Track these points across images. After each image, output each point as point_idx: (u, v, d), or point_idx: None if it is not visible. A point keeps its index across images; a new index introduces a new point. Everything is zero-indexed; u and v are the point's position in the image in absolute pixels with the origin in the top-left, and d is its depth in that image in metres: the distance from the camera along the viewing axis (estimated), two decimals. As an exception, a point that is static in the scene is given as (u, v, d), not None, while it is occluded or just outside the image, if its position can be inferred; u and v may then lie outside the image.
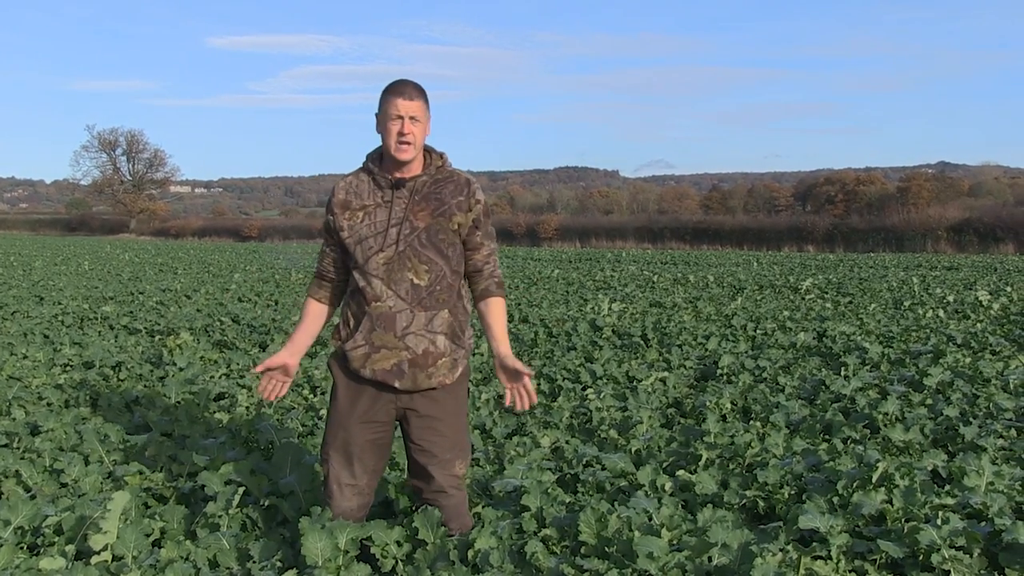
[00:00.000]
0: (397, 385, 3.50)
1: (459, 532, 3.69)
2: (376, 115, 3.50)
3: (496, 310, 3.68)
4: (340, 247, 3.60)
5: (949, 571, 3.52)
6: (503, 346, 3.64)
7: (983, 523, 3.94)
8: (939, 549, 3.57)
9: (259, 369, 3.65)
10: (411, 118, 3.41)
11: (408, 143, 3.42)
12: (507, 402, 3.63)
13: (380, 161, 3.57)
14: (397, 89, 3.45)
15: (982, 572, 3.57)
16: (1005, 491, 4.40)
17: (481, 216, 3.62)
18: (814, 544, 3.67)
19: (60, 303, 15.35)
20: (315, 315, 3.74)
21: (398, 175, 3.50)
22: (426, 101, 3.48)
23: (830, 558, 3.62)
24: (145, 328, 11.80)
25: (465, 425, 3.75)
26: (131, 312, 13.99)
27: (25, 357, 8.94)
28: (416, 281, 3.48)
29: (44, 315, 13.31)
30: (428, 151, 3.58)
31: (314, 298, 3.74)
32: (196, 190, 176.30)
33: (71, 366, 8.60)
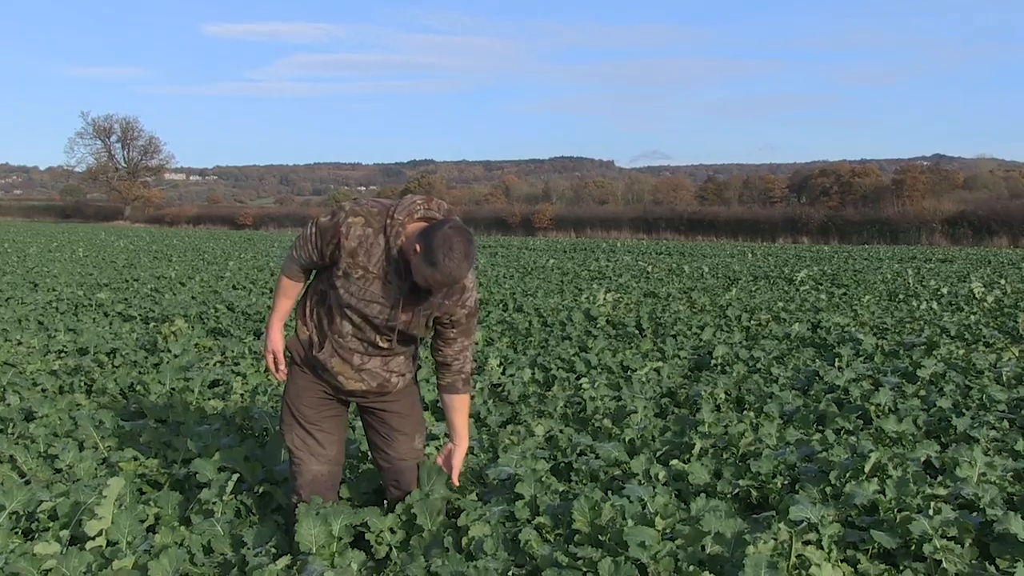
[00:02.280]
0: (353, 399, 3.70)
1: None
2: (420, 244, 3.19)
3: (459, 406, 3.77)
4: (330, 264, 3.49)
5: (941, 561, 3.53)
6: (462, 443, 3.85)
7: (975, 513, 3.95)
8: (931, 539, 3.59)
9: (283, 367, 3.77)
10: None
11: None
12: (440, 459, 3.89)
13: (405, 233, 3.33)
14: (450, 277, 3.18)
15: (973, 562, 3.59)
16: (997, 482, 4.43)
17: (463, 318, 3.58)
18: (805, 529, 3.68)
19: (54, 290, 15.33)
20: (295, 295, 3.76)
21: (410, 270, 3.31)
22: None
23: (822, 547, 3.63)
24: (140, 315, 11.79)
25: (420, 404, 3.91)
26: (126, 299, 13.98)
27: (19, 343, 8.93)
28: (380, 344, 3.56)
29: (38, 302, 13.29)
30: None
31: (293, 279, 3.69)
32: (191, 178, 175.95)
33: (65, 352, 8.60)
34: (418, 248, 3.18)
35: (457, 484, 3.90)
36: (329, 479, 3.77)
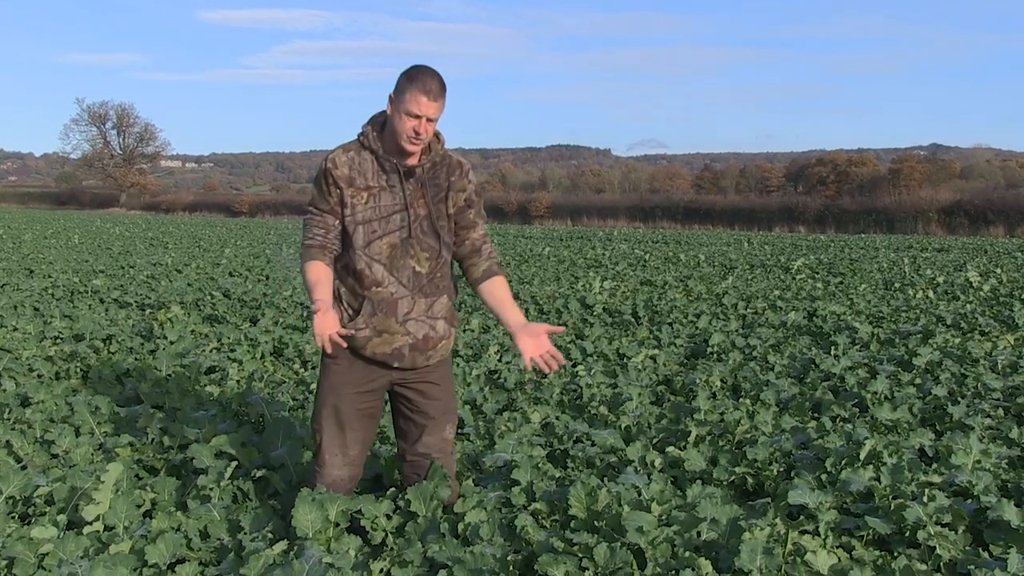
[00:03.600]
0: (396, 366, 3.53)
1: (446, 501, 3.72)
2: (391, 96, 3.38)
3: (503, 286, 3.64)
4: (342, 221, 3.51)
5: (935, 547, 3.55)
6: (519, 315, 3.60)
7: (969, 500, 3.98)
8: (925, 526, 3.60)
9: (342, 333, 3.41)
10: (428, 119, 3.33)
11: (419, 141, 3.38)
12: (528, 367, 3.54)
13: (381, 134, 3.48)
14: (423, 85, 3.30)
15: (967, 548, 3.61)
16: (991, 469, 4.44)
17: (473, 195, 3.60)
18: (801, 518, 3.70)
19: (50, 276, 15.32)
20: (329, 277, 3.51)
21: (402, 160, 3.45)
22: (445, 98, 3.39)
23: (818, 534, 3.65)
24: (136, 302, 11.78)
25: (454, 390, 3.79)
26: (122, 286, 13.97)
27: (15, 329, 8.92)
28: (418, 269, 3.49)
29: (34, 288, 13.28)
30: None
31: (323, 261, 3.51)
32: (187, 165, 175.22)
33: (61, 338, 8.59)
34: (391, 97, 3.38)
35: (561, 329, 3.60)
36: (348, 483, 3.70)
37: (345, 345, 3.42)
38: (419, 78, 3.31)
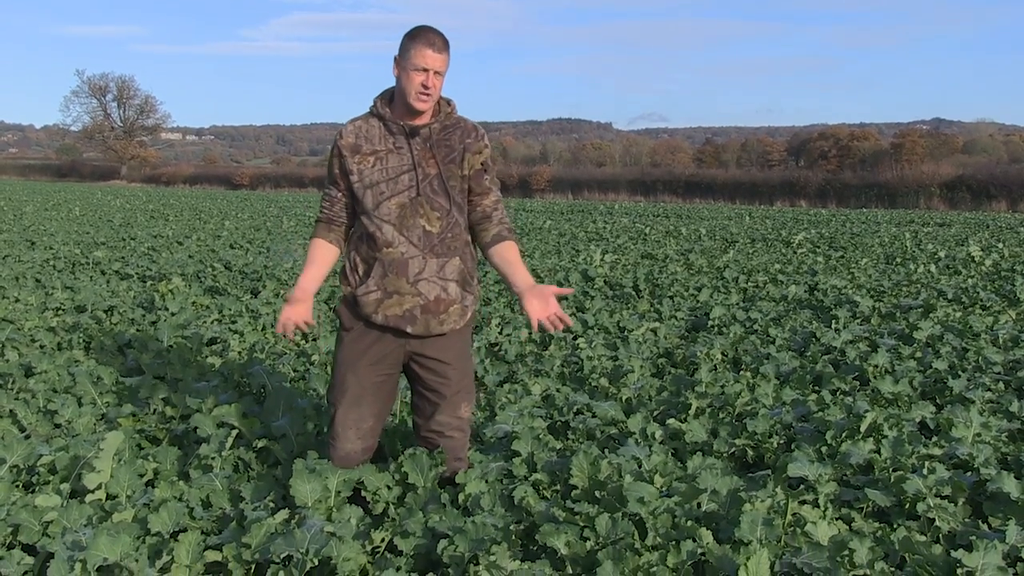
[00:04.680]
0: (409, 330, 3.50)
1: (452, 473, 3.72)
2: (396, 58, 3.43)
3: (513, 251, 3.60)
4: (349, 192, 3.56)
5: (934, 519, 3.57)
6: (527, 276, 3.55)
7: (969, 473, 3.99)
8: (925, 498, 3.62)
9: (280, 331, 3.62)
10: (435, 72, 3.37)
11: (429, 96, 3.40)
12: (535, 328, 3.47)
13: (390, 103, 3.52)
14: (427, 39, 3.37)
15: (966, 520, 3.62)
16: (991, 442, 4.46)
17: (488, 161, 3.61)
18: (801, 488, 3.71)
19: (51, 248, 15.32)
20: (325, 259, 3.66)
21: (410, 121, 3.48)
22: (450, 53, 3.43)
23: (818, 505, 3.66)
24: (137, 273, 11.78)
25: (471, 368, 3.76)
26: (123, 257, 13.96)
27: (17, 300, 8.93)
28: (428, 228, 3.48)
29: (36, 259, 13.28)
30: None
31: (324, 239, 3.65)
32: (187, 137, 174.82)
33: (63, 310, 8.60)
34: (397, 59, 3.43)
35: (572, 290, 3.67)
36: (361, 456, 3.69)
37: (306, 330, 3.65)
38: (422, 34, 3.39)
